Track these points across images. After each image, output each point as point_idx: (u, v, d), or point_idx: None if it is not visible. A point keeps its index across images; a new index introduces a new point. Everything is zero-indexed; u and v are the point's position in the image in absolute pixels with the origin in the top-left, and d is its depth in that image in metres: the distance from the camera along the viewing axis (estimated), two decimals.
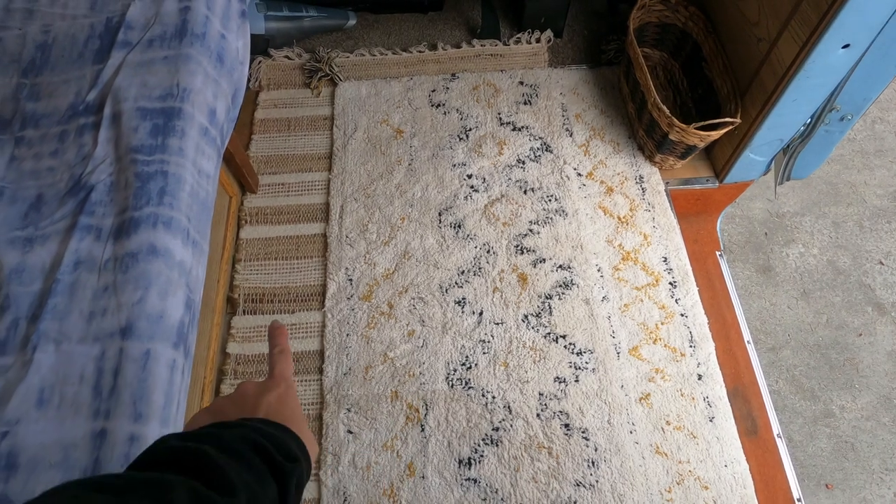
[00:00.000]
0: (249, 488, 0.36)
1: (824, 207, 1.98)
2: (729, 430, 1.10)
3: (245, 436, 0.39)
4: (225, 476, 0.35)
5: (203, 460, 0.35)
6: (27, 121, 0.76)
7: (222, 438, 0.37)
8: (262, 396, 0.46)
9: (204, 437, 0.37)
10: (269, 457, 0.39)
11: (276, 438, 0.41)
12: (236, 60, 0.89)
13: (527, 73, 1.50)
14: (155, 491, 0.31)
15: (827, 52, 1.03)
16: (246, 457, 0.37)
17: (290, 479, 0.40)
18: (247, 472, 0.36)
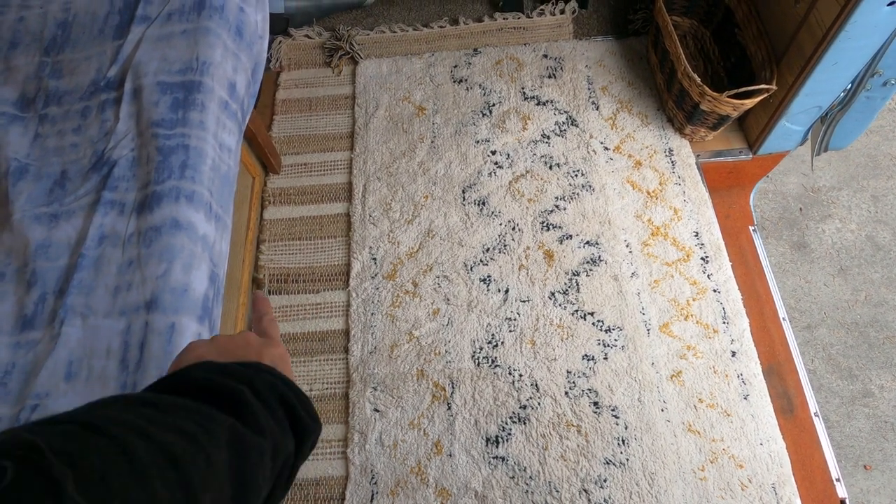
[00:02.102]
0: (275, 437, 0.35)
1: (863, 181, 1.90)
2: (764, 408, 1.07)
3: (274, 385, 0.38)
4: (257, 419, 0.34)
5: (239, 399, 0.35)
6: (50, 98, 0.76)
7: (254, 383, 0.37)
8: (266, 348, 0.45)
9: (237, 376, 0.37)
10: (293, 412, 0.38)
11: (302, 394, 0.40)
12: (255, 34, 0.88)
13: (551, 45, 1.46)
14: (198, 417, 0.32)
15: (871, 11, 0.97)
16: (272, 406, 0.37)
17: (308, 438, 0.39)
18: (273, 422, 0.36)
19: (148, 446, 0.27)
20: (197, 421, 0.31)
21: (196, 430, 0.30)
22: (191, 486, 0.28)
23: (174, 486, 0.27)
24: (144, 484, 0.26)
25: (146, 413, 0.30)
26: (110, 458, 0.25)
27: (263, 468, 0.35)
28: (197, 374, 0.37)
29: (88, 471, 0.24)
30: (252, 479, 0.33)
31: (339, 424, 1.09)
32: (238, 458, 0.32)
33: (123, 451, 0.26)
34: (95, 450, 0.25)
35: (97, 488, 0.24)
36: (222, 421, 0.33)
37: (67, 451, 0.24)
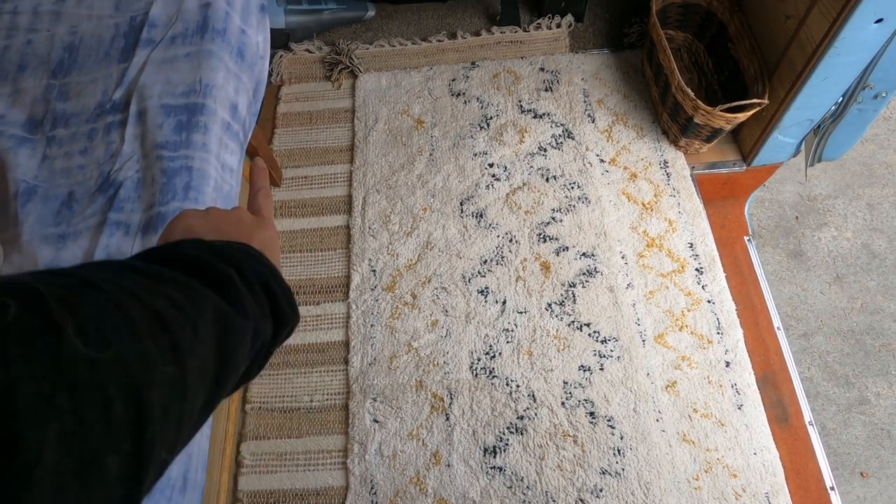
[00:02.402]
0: (256, 321, 0.36)
1: (858, 189, 1.91)
2: (758, 418, 1.08)
3: (260, 272, 0.39)
4: (242, 302, 0.35)
5: (227, 282, 0.35)
6: (57, 120, 0.78)
7: (241, 267, 0.37)
8: (257, 230, 0.45)
9: (226, 258, 0.37)
10: (275, 300, 0.39)
11: (284, 285, 0.41)
12: (256, 55, 0.90)
13: (547, 59, 1.48)
14: (186, 290, 0.32)
15: (859, 28, 0.99)
16: (256, 292, 0.37)
17: (285, 326, 0.40)
18: (256, 307, 0.37)
19: (140, 307, 0.28)
20: (185, 293, 0.32)
21: (184, 301, 0.31)
22: (179, 349, 0.29)
23: (164, 347, 0.28)
24: (137, 339, 0.26)
25: (137, 279, 0.31)
26: (108, 312, 0.26)
27: (244, 348, 0.35)
28: (188, 250, 0.37)
29: (86, 320, 0.24)
30: (233, 357, 0.34)
31: (340, 435, 1.11)
32: (222, 334, 0.33)
33: (119, 308, 0.27)
34: (94, 302, 0.26)
35: (93, 335, 0.24)
36: (208, 297, 0.33)
37: (67, 299, 0.24)
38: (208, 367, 0.32)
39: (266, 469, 1.09)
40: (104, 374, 0.24)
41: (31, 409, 0.21)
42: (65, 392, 0.22)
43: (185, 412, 0.29)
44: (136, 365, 0.26)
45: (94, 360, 0.24)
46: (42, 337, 0.22)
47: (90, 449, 0.23)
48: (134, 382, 0.25)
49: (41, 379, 0.21)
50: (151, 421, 0.26)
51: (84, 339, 0.23)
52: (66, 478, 0.22)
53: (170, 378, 0.28)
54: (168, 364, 0.28)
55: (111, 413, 0.24)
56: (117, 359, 0.25)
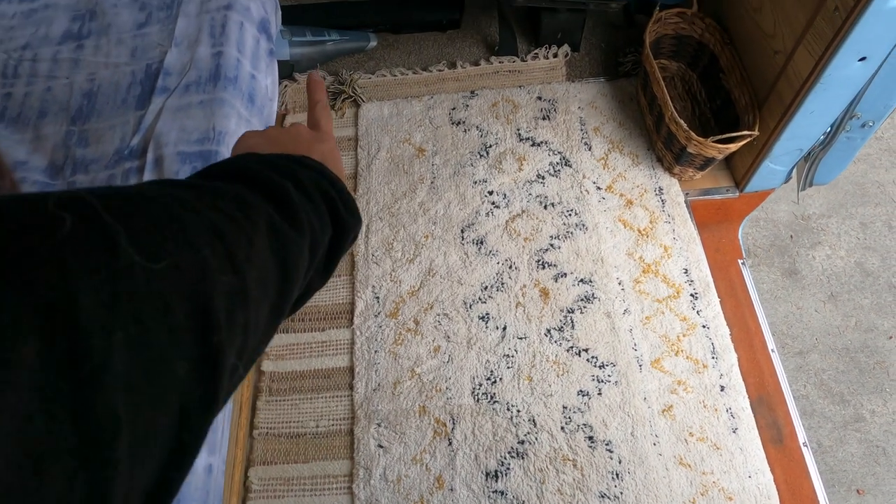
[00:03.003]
0: (314, 233, 0.37)
1: (851, 208, 1.95)
2: (752, 441, 1.11)
3: (318, 181, 0.39)
4: (297, 214, 0.35)
5: (282, 193, 0.35)
6: (77, 166, 0.82)
7: (298, 177, 0.38)
8: (316, 143, 0.45)
9: (283, 170, 0.38)
10: (334, 208, 0.39)
11: (345, 190, 0.41)
12: (266, 97, 0.94)
13: (545, 88, 1.52)
14: (241, 204, 0.32)
15: (843, 66, 1.03)
16: (315, 201, 0.38)
17: (347, 234, 0.41)
18: (314, 217, 0.37)
19: (196, 218, 0.28)
20: (239, 206, 0.32)
21: (239, 214, 0.31)
22: (236, 259, 0.29)
23: (221, 256, 0.28)
24: (194, 248, 0.27)
25: (193, 193, 0.31)
26: (162, 222, 0.26)
27: (301, 259, 0.35)
28: (243, 163, 0.37)
29: (140, 231, 0.25)
30: (291, 268, 0.34)
31: (345, 460, 1.14)
32: (277, 247, 0.33)
33: (173, 218, 0.27)
34: (147, 214, 0.26)
35: (148, 245, 0.24)
36: (262, 210, 0.33)
37: (121, 211, 0.25)
38: (268, 278, 0.32)
39: (274, 494, 1.12)
40: (162, 283, 0.24)
41: (95, 317, 0.21)
42: (124, 301, 0.22)
43: (250, 321, 0.30)
44: (194, 274, 0.26)
45: (150, 270, 0.24)
46: (98, 248, 0.22)
47: (157, 354, 0.23)
48: (193, 290, 0.25)
49: (100, 289, 0.22)
50: (215, 327, 0.26)
51: (139, 249, 0.24)
52: (137, 381, 0.22)
53: (229, 287, 0.28)
54: (226, 273, 0.28)
55: (173, 320, 0.24)
56: (173, 268, 0.25)
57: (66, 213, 0.22)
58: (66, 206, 0.23)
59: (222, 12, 0.93)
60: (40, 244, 0.21)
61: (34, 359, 0.19)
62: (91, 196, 0.24)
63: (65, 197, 0.23)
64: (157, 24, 0.93)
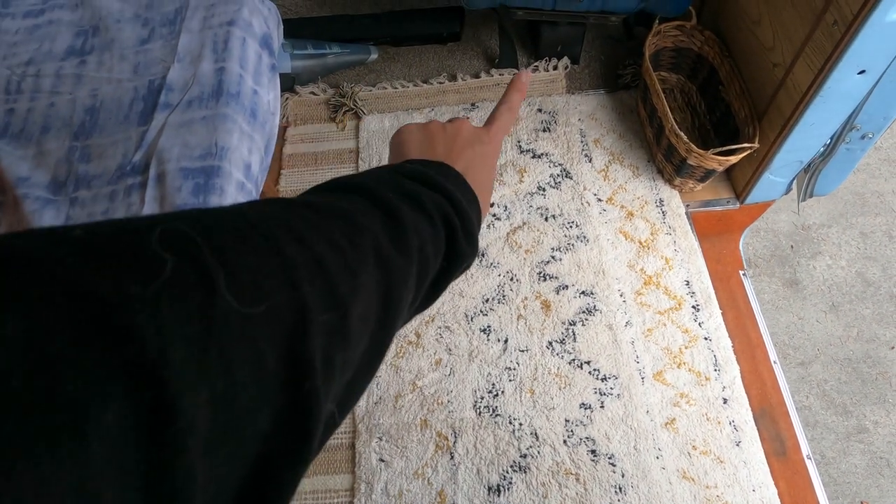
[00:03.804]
0: (425, 262, 0.35)
1: (851, 218, 1.96)
2: (756, 455, 1.11)
3: (442, 206, 0.38)
4: (409, 241, 0.34)
5: (395, 217, 0.34)
6: (80, 182, 0.82)
7: (421, 199, 0.36)
8: (470, 147, 0.44)
9: (405, 191, 0.37)
10: (453, 237, 0.38)
11: (468, 218, 0.39)
12: (268, 112, 0.94)
13: (545, 100, 1.53)
14: (350, 228, 0.31)
15: (842, 79, 1.04)
16: (435, 225, 0.37)
17: (460, 264, 0.39)
18: (430, 243, 0.36)
19: (302, 250, 0.26)
20: (349, 232, 0.30)
21: (345, 243, 0.29)
22: (337, 295, 0.27)
23: (323, 293, 0.26)
24: (294, 287, 0.25)
25: (304, 215, 0.29)
26: (265, 260, 0.25)
27: (407, 290, 0.34)
28: (364, 179, 0.36)
29: (242, 271, 0.23)
30: (395, 300, 0.33)
31: (346, 474, 1.13)
32: (383, 277, 0.31)
33: (278, 253, 0.25)
34: (251, 249, 0.24)
35: (248, 288, 0.23)
36: (372, 235, 0.32)
37: (224, 248, 0.23)
38: (370, 311, 0.30)
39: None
40: (257, 329, 0.23)
41: (184, 374, 0.20)
42: (216, 353, 0.21)
43: (348, 360, 0.28)
44: (292, 316, 0.24)
45: (248, 316, 0.22)
46: (195, 295, 0.21)
47: (242, 407, 0.22)
48: (288, 334, 0.24)
49: (193, 342, 0.20)
50: (309, 373, 0.24)
51: (238, 294, 0.22)
52: (218, 440, 0.21)
53: (328, 326, 0.26)
54: (326, 311, 0.26)
55: (262, 368, 0.23)
56: (271, 311, 0.23)
57: (168, 254, 0.21)
58: (170, 244, 0.21)
59: (225, 28, 0.93)
60: (140, 292, 0.19)
61: (113, 426, 0.17)
62: (196, 231, 0.23)
63: (169, 231, 0.22)
64: (160, 39, 0.94)
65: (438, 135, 0.45)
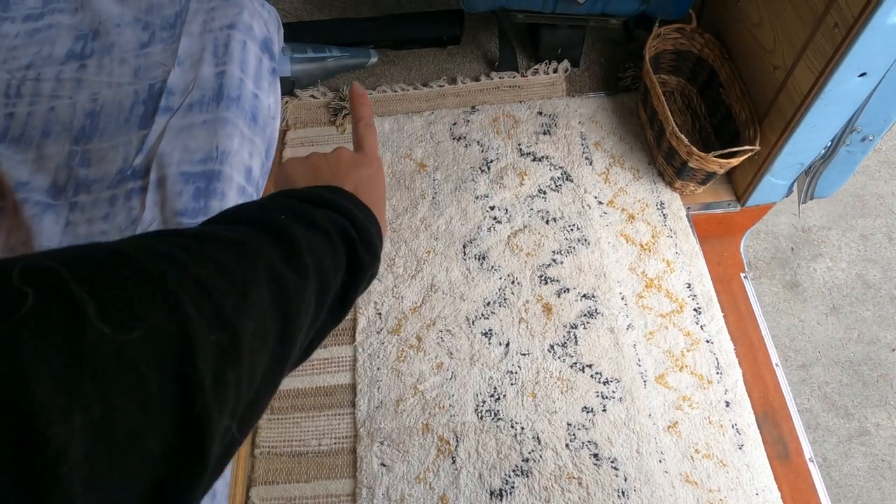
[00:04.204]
0: (323, 275, 0.36)
1: (851, 220, 1.96)
2: (759, 458, 1.10)
3: (337, 221, 0.38)
4: (302, 258, 0.34)
5: (288, 237, 0.34)
6: (80, 186, 0.82)
7: (314, 218, 0.37)
8: (355, 169, 0.45)
9: (295, 209, 0.37)
10: (353, 249, 0.38)
11: (365, 230, 0.40)
12: (268, 116, 0.94)
13: (545, 103, 1.53)
14: (238, 250, 0.31)
15: (843, 81, 1.04)
16: (333, 241, 0.37)
17: (363, 276, 0.39)
18: (327, 258, 0.36)
19: (179, 274, 0.26)
20: (235, 255, 0.30)
21: (232, 264, 0.29)
22: (225, 314, 0.27)
23: (208, 314, 0.26)
24: (174, 310, 0.25)
25: (181, 243, 0.29)
26: (138, 286, 0.24)
27: (305, 306, 0.34)
28: (251, 207, 0.36)
29: (114, 297, 0.23)
30: (294, 316, 0.33)
31: (348, 479, 1.12)
32: (277, 295, 0.31)
33: (152, 279, 0.25)
34: (122, 276, 0.24)
35: (122, 315, 0.23)
36: (263, 257, 0.32)
37: (91, 277, 0.23)
38: (266, 329, 0.30)
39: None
40: (136, 354, 0.22)
41: (52, 405, 0.19)
42: (89, 380, 0.21)
43: (244, 376, 0.28)
44: (175, 338, 0.24)
45: (121, 342, 0.22)
46: (61, 326, 0.21)
47: (125, 432, 0.21)
48: (173, 356, 0.24)
49: (59, 374, 0.20)
50: (199, 391, 0.24)
51: (109, 320, 0.22)
52: (100, 466, 0.20)
53: (218, 346, 0.26)
54: (213, 331, 0.26)
55: (145, 391, 0.22)
56: (150, 335, 0.23)
57: (29, 287, 0.21)
58: (31, 279, 0.21)
59: (225, 31, 0.93)
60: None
61: None
62: (60, 264, 0.23)
63: (30, 267, 0.22)
64: (161, 43, 0.94)
65: (322, 163, 0.45)
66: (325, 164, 0.46)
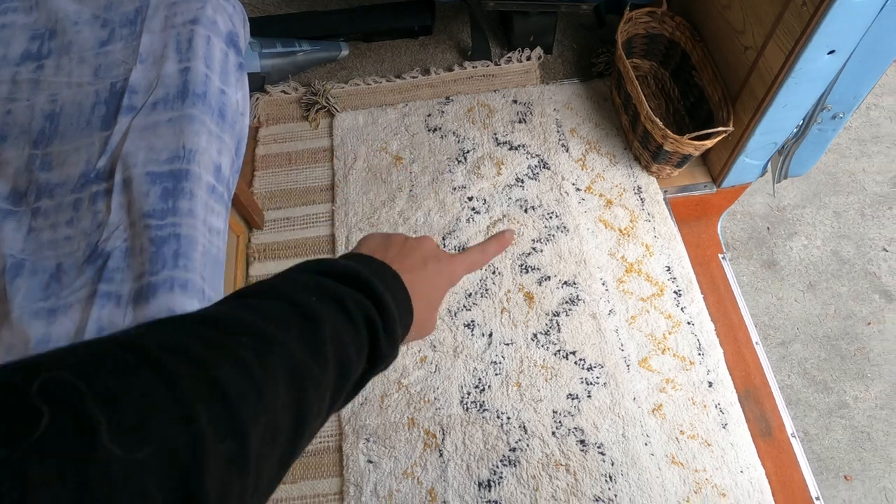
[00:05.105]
0: (344, 365, 0.35)
1: (825, 198, 1.99)
2: (742, 436, 1.12)
3: (364, 306, 0.37)
4: (324, 347, 0.33)
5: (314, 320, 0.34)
6: (42, 191, 0.79)
7: (345, 302, 0.36)
8: (423, 262, 0.44)
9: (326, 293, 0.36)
10: (375, 338, 0.37)
11: (392, 320, 0.39)
12: (237, 113, 0.92)
13: (520, 91, 1.52)
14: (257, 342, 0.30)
15: (813, 59, 1.04)
16: (358, 326, 0.36)
17: (379, 366, 0.39)
18: (352, 347, 0.35)
19: (197, 375, 0.26)
20: (256, 346, 0.30)
21: (252, 359, 0.29)
22: (238, 420, 0.27)
23: (221, 421, 0.26)
24: (187, 420, 0.25)
25: (204, 333, 0.29)
26: (154, 394, 0.24)
27: (321, 399, 0.33)
28: (283, 284, 0.36)
29: (127, 410, 0.23)
30: (309, 411, 0.32)
31: (335, 478, 1.11)
32: (295, 390, 0.31)
33: (169, 383, 0.25)
34: (140, 385, 0.24)
35: (134, 432, 0.23)
36: (284, 345, 0.31)
37: (106, 391, 0.23)
38: (278, 427, 0.30)
39: None
40: (144, 473, 0.22)
41: None
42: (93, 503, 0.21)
43: (249, 487, 0.27)
44: (183, 452, 0.24)
45: (133, 462, 0.22)
46: (71, 449, 0.21)
47: None
48: (180, 472, 0.24)
49: (65, 497, 0.20)
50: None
51: (121, 439, 0.22)
52: None
53: (226, 455, 0.26)
54: (224, 440, 0.26)
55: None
56: (160, 451, 0.23)
57: (45, 406, 0.21)
58: (50, 395, 0.21)
59: (188, 27, 0.90)
60: (7, 455, 0.19)
61: None
62: (78, 377, 0.23)
63: (51, 382, 0.22)
64: (121, 41, 0.91)
65: (397, 242, 0.45)
66: (399, 244, 0.44)
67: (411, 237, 0.46)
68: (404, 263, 0.43)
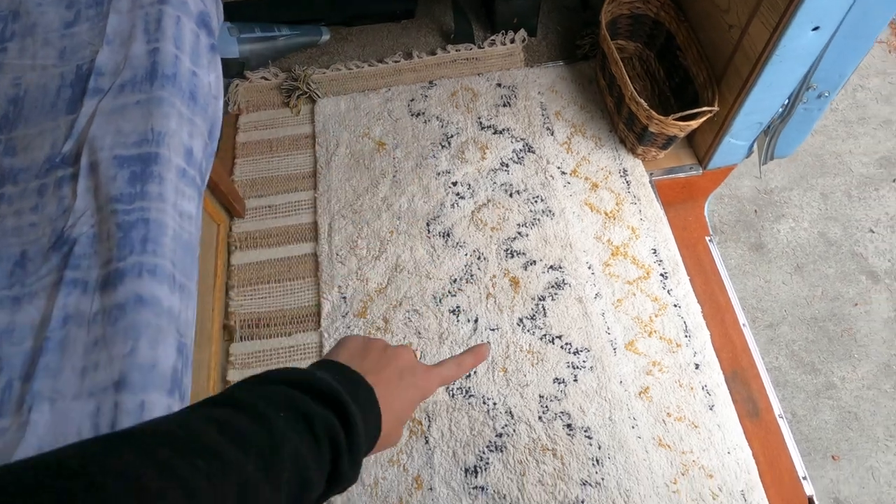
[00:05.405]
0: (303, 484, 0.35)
1: (811, 180, 1.98)
2: (729, 417, 1.11)
3: (332, 427, 0.37)
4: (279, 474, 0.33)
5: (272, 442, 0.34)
6: (6, 177, 0.76)
7: (312, 419, 0.36)
8: (399, 375, 0.44)
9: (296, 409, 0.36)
10: (337, 458, 0.37)
11: (357, 442, 0.38)
12: (209, 95, 0.89)
13: (504, 74, 1.50)
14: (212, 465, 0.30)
15: (797, 36, 1.03)
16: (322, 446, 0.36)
17: (337, 487, 0.38)
18: (313, 467, 0.35)
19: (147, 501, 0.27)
20: (208, 471, 0.30)
21: (202, 483, 0.29)
22: None
23: None
24: None
25: (159, 456, 0.29)
26: None
27: None
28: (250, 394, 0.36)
29: None
30: None
31: None
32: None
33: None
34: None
35: None
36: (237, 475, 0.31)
37: None
38: None
39: None
40: None
41: None
42: None
43: None
44: None
45: None
46: None
47: None
48: None
49: None
50: None
51: None
52: None
53: None
54: None
55: None
56: None
57: None
58: None
59: (156, 7, 0.87)
60: None
61: None
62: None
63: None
64: (87, 22, 0.88)
65: (375, 351, 0.45)
66: (377, 354, 0.45)
67: (391, 346, 0.46)
68: (380, 375, 0.43)
